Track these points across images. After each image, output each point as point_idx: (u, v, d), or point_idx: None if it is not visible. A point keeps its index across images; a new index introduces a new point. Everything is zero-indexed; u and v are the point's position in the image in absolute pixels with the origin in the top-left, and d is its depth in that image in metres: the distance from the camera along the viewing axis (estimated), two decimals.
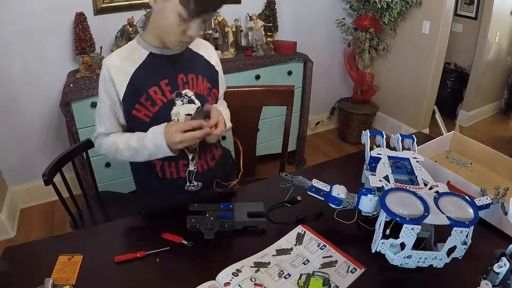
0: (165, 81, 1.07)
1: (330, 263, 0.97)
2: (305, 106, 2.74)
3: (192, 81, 1.12)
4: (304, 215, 1.12)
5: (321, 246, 1.02)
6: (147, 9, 2.22)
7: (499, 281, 0.78)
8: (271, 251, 1.00)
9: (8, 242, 2.15)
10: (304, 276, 0.92)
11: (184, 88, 1.10)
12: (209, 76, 1.16)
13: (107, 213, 1.74)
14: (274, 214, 1.14)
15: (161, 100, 1.07)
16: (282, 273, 0.93)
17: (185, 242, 1.02)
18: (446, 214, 0.86)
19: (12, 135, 2.28)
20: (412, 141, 1.26)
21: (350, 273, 0.93)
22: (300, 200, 1.19)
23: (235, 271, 0.93)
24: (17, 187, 2.44)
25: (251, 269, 0.94)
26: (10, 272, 0.95)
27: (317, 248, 1.02)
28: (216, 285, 0.89)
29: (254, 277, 0.91)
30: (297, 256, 0.99)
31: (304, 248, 1.01)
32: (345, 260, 0.97)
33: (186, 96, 1.10)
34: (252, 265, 0.95)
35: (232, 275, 0.91)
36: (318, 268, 0.95)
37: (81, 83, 2.02)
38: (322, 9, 2.97)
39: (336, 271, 0.94)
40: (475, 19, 3.45)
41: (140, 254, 0.97)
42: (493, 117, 3.87)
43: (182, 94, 1.10)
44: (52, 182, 1.41)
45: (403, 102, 3.21)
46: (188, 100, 1.11)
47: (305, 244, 1.03)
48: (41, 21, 2.10)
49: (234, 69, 2.35)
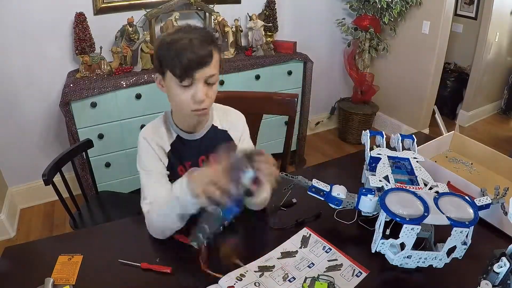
0: (188, 163, 1.14)
1: (335, 266, 0.96)
2: (305, 106, 2.74)
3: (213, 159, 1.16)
4: (303, 218, 1.11)
5: (326, 249, 1.01)
6: (147, 9, 2.22)
7: (499, 281, 0.78)
8: (276, 254, 1.00)
9: (8, 242, 2.15)
10: (309, 280, 0.91)
11: None
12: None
13: (107, 213, 1.74)
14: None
15: None
16: (287, 276, 0.93)
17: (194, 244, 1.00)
18: (446, 214, 0.86)
19: (12, 135, 2.28)
20: (412, 141, 1.26)
21: (355, 277, 0.92)
22: (296, 203, 1.18)
23: (238, 275, 0.92)
24: (17, 187, 2.44)
25: (255, 273, 0.93)
26: (10, 272, 0.95)
27: (322, 251, 1.01)
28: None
29: (259, 282, 0.91)
30: (302, 259, 0.98)
31: (309, 251, 1.01)
32: (350, 263, 0.96)
33: None
34: (256, 269, 0.94)
35: (235, 279, 0.91)
36: (323, 272, 0.94)
37: (81, 83, 2.02)
38: (322, 9, 2.97)
39: (341, 275, 0.93)
40: (475, 19, 3.45)
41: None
42: (493, 117, 3.86)
43: None
44: (52, 182, 1.41)
45: (403, 102, 3.21)
46: None
47: (310, 247, 1.02)
48: (41, 21, 2.09)
49: (234, 69, 2.35)
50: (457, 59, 3.72)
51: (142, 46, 2.15)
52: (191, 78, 0.96)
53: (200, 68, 0.95)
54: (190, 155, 1.14)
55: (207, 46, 0.96)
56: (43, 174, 1.38)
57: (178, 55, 0.94)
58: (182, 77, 0.95)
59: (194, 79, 0.96)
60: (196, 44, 0.94)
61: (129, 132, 2.18)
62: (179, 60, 0.94)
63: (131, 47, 2.16)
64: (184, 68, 0.94)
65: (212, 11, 2.40)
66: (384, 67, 3.26)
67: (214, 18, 2.41)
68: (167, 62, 0.96)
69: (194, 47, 0.94)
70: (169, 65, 0.96)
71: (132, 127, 2.17)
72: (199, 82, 0.97)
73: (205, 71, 0.96)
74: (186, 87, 0.97)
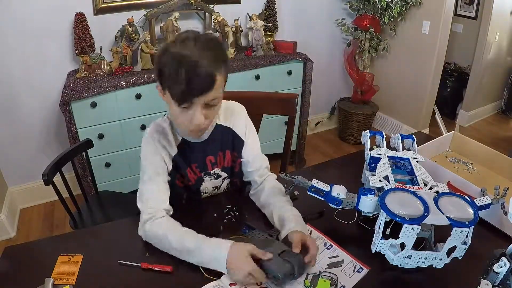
0: (195, 164, 1.15)
1: (336, 263, 0.96)
2: (305, 106, 2.74)
3: (220, 158, 1.19)
4: (306, 215, 1.11)
5: (328, 246, 1.02)
6: (147, 9, 2.22)
7: (499, 281, 0.78)
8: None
9: (8, 242, 2.15)
10: (311, 276, 0.91)
11: (213, 168, 1.18)
12: (235, 148, 1.20)
13: (107, 213, 1.74)
14: None
15: (193, 178, 1.17)
16: None
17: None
18: (446, 214, 0.86)
19: (12, 135, 2.28)
20: (412, 141, 1.26)
21: (356, 273, 0.93)
22: (297, 195, 1.19)
23: None
24: (17, 187, 2.44)
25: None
26: (10, 272, 0.95)
27: (324, 248, 1.01)
28: (221, 285, 0.89)
29: None
30: None
31: None
32: (352, 260, 0.97)
33: (214, 174, 1.20)
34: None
35: None
36: (324, 268, 0.94)
37: (81, 83, 2.02)
38: (322, 9, 2.97)
39: (342, 271, 0.94)
40: (475, 19, 3.45)
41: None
42: (493, 117, 3.86)
43: (211, 174, 1.19)
44: (52, 182, 1.41)
45: (403, 102, 3.21)
46: (216, 176, 1.20)
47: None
48: (41, 21, 2.09)
49: (234, 69, 2.35)
50: (457, 59, 3.71)
51: (142, 46, 2.15)
52: (189, 103, 0.92)
53: (200, 95, 0.91)
54: (196, 158, 1.14)
55: (214, 71, 0.90)
56: (43, 174, 1.38)
57: (179, 76, 0.87)
58: (181, 101, 0.91)
59: (192, 104, 0.92)
60: (202, 69, 0.88)
61: (129, 132, 2.18)
62: (179, 83, 0.88)
63: (131, 47, 2.16)
64: (184, 93, 0.90)
65: (212, 11, 2.40)
66: (384, 67, 3.26)
67: (214, 18, 2.41)
68: (167, 80, 0.91)
69: (199, 71, 0.88)
70: (169, 84, 0.91)
71: (132, 127, 2.17)
72: (197, 106, 0.93)
73: (207, 97, 0.92)
74: (185, 109, 0.94)
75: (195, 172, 1.16)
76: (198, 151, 1.14)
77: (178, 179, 1.15)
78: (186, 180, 1.16)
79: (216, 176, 1.20)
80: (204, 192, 1.22)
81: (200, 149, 1.14)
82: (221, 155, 1.18)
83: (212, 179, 1.20)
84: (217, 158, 1.18)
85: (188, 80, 0.87)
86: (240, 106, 1.22)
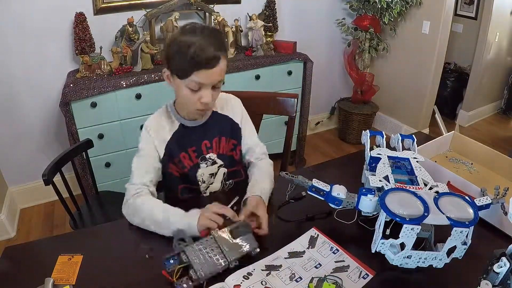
0: (192, 148, 1.21)
1: (342, 267, 0.95)
2: (305, 106, 2.74)
3: (216, 144, 1.24)
4: (314, 214, 1.11)
5: (334, 250, 1.01)
6: (147, 9, 2.22)
7: (499, 281, 0.78)
8: (283, 254, 0.99)
9: (8, 242, 2.15)
10: (316, 280, 0.90)
11: (208, 152, 1.24)
12: (233, 135, 1.28)
13: (107, 213, 1.74)
14: (282, 211, 1.13)
15: (188, 164, 1.22)
16: (294, 276, 0.93)
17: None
18: (446, 214, 0.86)
19: (12, 135, 2.28)
20: (412, 141, 1.26)
21: (362, 279, 0.92)
22: (305, 195, 1.17)
23: (245, 274, 0.92)
24: (17, 187, 2.44)
25: (262, 272, 0.93)
26: (10, 272, 0.95)
27: (330, 252, 1.00)
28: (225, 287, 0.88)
29: (265, 281, 0.91)
30: (309, 259, 0.98)
31: (317, 252, 1.00)
32: (357, 265, 0.96)
33: (210, 159, 1.24)
34: (263, 268, 0.94)
35: (242, 278, 0.91)
36: (330, 273, 0.94)
37: (81, 83, 2.02)
38: (322, 9, 2.97)
39: (348, 276, 0.93)
40: (475, 19, 3.45)
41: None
42: (493, 117, 3.87)
43: (206, 158, 1.24)
44: (52, 182, 1.41)
45: (403, 102, 3.21)
46: (212, 162, 1.25)
47: (317, 247, 1.02)
48: (41, 21, 2.09)
49: (234, 69, 2.35)
50: (457, 59, 3.71)
51: (142, 46, 2.15)
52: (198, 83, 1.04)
53: (208, 65, 1.01)
54: (193, 141, 1.21)
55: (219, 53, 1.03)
56: (43, 174, 1.38)
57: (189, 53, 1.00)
58: (189, 71, 1.02)
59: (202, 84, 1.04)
60: (209, 48, 1.01)
61: (129, 132, 2.18)
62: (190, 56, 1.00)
63: (131, 47, 2.16)
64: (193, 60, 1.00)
65: (212, 11, 2.40)
66: (384, 67, 3.26)
67: (214, 18, 2.41)
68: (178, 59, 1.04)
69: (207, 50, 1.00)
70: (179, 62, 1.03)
71: (132, 127, 2.17)
72: (207, 87, 1.06)
73: (214, 76, 1.05)
74: (194, 90, 1.06)
75: (191, 156, 1.21)
76: (194, 134, 1.21)
77: (172, 168, 1.20)
78: (181, 167, 1.21)
79: (212, 162, 1.24)
80: (201, 180, 1.24)
81: (196, 133, 1.21)
82: (216, 140, 1.24)
83: (208, 165, 1.24)
84: (213, 143, 1.24)
85: (197, 55, 1.00)
86: (236, 98, 1.32)
